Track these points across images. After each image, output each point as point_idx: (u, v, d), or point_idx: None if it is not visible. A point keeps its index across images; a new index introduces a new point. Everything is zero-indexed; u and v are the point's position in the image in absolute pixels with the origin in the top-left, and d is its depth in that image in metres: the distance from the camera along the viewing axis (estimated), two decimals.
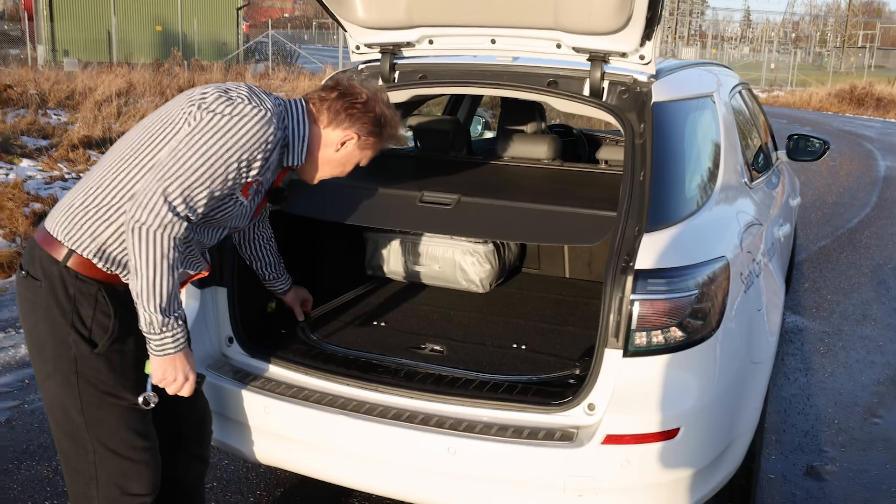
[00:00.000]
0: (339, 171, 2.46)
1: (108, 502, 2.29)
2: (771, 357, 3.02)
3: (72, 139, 10.80)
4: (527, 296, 3.87)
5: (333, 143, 2.38)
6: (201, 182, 2.09)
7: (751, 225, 3.08)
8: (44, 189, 8.60)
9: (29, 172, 9.22)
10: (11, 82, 14.98)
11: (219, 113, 2.13)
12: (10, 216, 7.50)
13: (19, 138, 10.76)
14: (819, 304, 6.27)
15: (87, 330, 2.18)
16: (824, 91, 30.98)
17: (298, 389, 2.72)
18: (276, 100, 2.29)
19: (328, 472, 2.68)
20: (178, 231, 2.07)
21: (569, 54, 3.07)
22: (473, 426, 2.50)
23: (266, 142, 2.17)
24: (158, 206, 2.04)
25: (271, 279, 2.93)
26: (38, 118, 12.55)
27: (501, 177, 3.62)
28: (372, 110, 2.38)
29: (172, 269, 2.08)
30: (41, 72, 18.34)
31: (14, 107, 13.39)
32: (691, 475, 2.47)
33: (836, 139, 17.32)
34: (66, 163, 9.98)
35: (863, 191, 11.62)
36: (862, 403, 4.49)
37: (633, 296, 2.38)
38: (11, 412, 4.12)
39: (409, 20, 3.20)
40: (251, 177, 2.21)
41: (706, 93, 3.40)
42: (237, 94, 2.18)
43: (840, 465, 3.80)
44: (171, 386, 2.23)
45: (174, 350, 2.17)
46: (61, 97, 14.56)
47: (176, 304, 2.14)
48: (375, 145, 2.44)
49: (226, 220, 2.31)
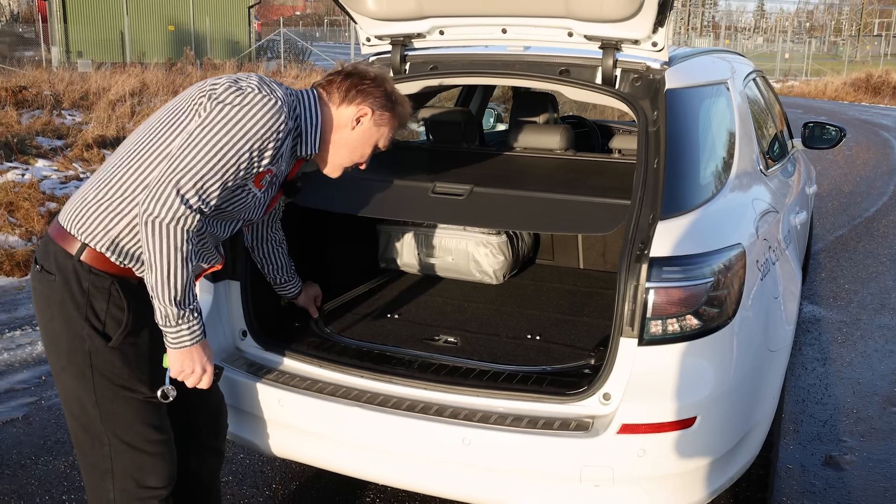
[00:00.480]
0: (359, 153, 2.43)
1: (123, 495, 2.29)
2: (788, 345, 2.99)
3: (86, 139, 10.85)
4: (541, 287, 3.86)
5: (348, 122, 2.35)
6: (213, 173, 2.08)
7: (766, 212, 3.05)
8: (59, 188, 8.65)
9: (44, 172, 9.27)
10: (26, 84, 15.06)
11: (229, 103, 2.12)
12: (25, 215, 7.55)
13: (35, 139, 10.82)
14: (836, 293, 6.22)
15: (100, 323, 2.18)
16: (840, 80, 30.77)
17: (312, 382, 2.72)
18: (287, 89, 2.28)
19: (343, 464, 2.68)
20: (191, 224, 2.06)
21: (580, 42, 3.05)
22: (488, 417, 2.49)
23: (277, 130, 2.16)
24: (171, 198, 2.03)
25: (282, 283, 2.92)
26: (53, 119, 12.62)
27: (514, 167, 3.60)
28: (382, 86, 2.37)
29: (186, 262, 2.07)
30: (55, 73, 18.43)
31: (29, 108, 13.47)
32: (708, 465, 2.45)
33: (852, 128, 17.19)
34: (81, 162, 10.03)
35: (880, 180, 11.52)
36: (881, 393, 4.45)
37: (648, 284, 2.36)
38: (29, 408, 4.14)
39: (420, 11, 3.18)
40: (263, 167, 2.20)
41: (720, 80, 3.37)
42: (247, 84, 2.17)
43: (859, 455, 3.77)
44: (189, 378, 2.22)
45: (191, 342, 2.16)
46: (75, 98, 14.62)
47: (191, 296, 2.13)
48: (391, 121, 2.40)
49: (239, 211, 2.31)
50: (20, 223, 7.43)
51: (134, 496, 2.29)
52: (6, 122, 11.74)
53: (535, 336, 3.13)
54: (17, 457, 3.67)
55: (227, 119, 2.10)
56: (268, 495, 3.38)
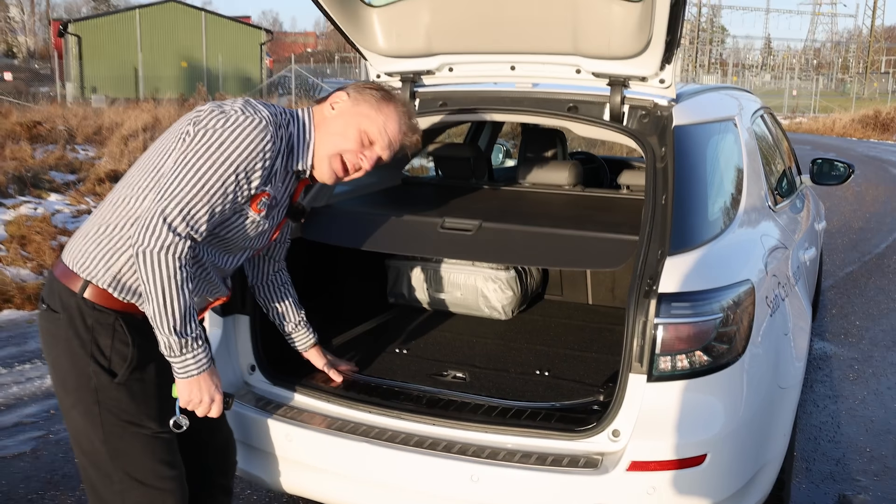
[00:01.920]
0: (342, 144, 2.30)
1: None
2: (799, 382, 2.96)
3: (99, 173, 10.93)
4: (549, 322, 3.85)
5: (328, 111, 2.34)
6: (199, 199, 2.07)
7: (775, 248, 3.04)
8: (71, 223, 8.70)
9: (57, 206, 9.34)
10: (41, 119, 15.23)
11: (210, 128, 2.10)
12: (37, 249, 7.59)
13: (48, 173, 10.92)
14: (848, 330, 6.18)
15: (106, 360, 2.17)
16: (848, 117, 30.84)
17: (321, 417, 2.70)
18: (278, 109, 2.26)
19: (351, 500, 2.65)
20: (181, 251, 2.05)
21: (588, 79, 3.07)
22: (496, 453, 2.47)
23: (263, 150, 2.13)
24: (158, 227, 2.03)
25: (290, 331, 2.82)
26: (67, 153, 12.74)
27: (522, 203, 3.61)
28: (363, 85, 2.38)
29: (181, 290, 2.06)
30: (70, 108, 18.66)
31: (43, 142, 13.61)
32: (720, 502, 2.42)
33: (860, 164, 17.17)
34: (93, 196, 10.10)
35: (890, 216, 11.49)
36: (895, 431, 4.40)
37: (657, 320, 2.35)
38: (37, 442, 4.13)
39: (429, 48, 3.22)
40: (255, 188, 2.18)
41: (728, 116, 3.39)
42: (231, 108, 2.16)
43: (873, 495, 3.72)
44: (198, 408, 2.21)
45: (197, 371, 2.15)
46: (89, 133, 14.77)
47: (192, 325, 2.11)
48: (371, 106, 2.31)
49: (241, 239, 2.29)
50: (32, 257, 7.47)
51: None
52: (20, 157, 11.85)
53: (544, 372, 3.12)
54: (23, 491, 3.65)
55: (210, 143, 2.09)
56: None
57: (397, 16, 3.17)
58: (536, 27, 3.01)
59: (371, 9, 3.21)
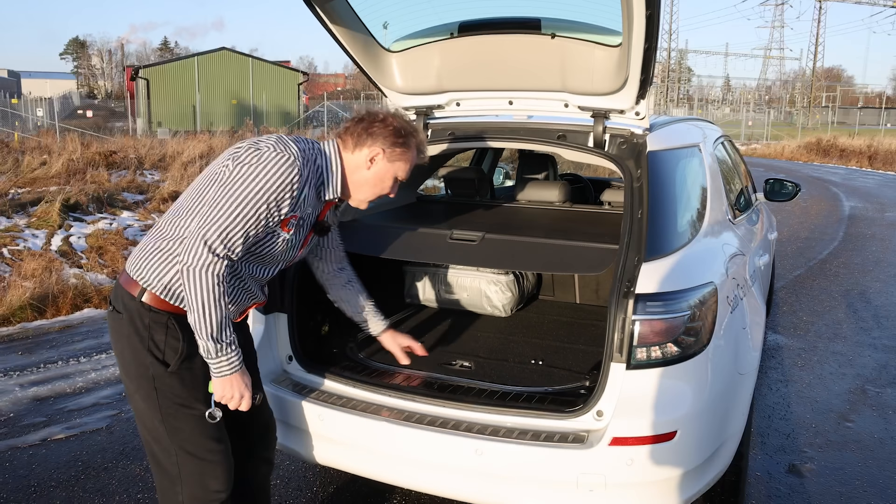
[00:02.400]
0: (379, 188, 2.31)
1: (191, 498, 2.25)
2: (755, 369, 2.93)
3: (163, 194, 10.98)
4: (543, 319, 3.82)
5: (363, 164, 2.27)
6: (234, 224, 2.05)
7: (735, 255, 3.01)
8: (140, 235, 8.73)
9: (128, 222, 9.38)
10: (116, 149, 15.32)
11: (246, 163, 2.09)
12: (112, 258, 7.62)
13: (121, 194, 10.97)
14: (796, 324, 6.12)
15: (160, 352, 2.17)
16: (795, 144, 30.71)
17: (348, 400, 2.68)
18: (308, 143, 2.23)
19: (373, 470, 2.63)
20: (219, 269, 2.04)
21: (575, 112, 3.05)
22: (498, 431, 2.44)
23: (290, 182, 2.10)
24: (199, 249, 2.03)
25: (361, 319, 2.78)
26: (136, 177, 12.80)
27: (520, 217, 3.58)
28: (391, 125, 2.27)
29: (218, 303, 2.05)
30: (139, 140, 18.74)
31: (117, 169, 13.67)
32: (687, 472, 2.39)
33: (806, 184, 17.10)
34: (158, 214, 10.14)
35: (831, 227, 11.41)
36: (836, 410, 4.35)
37: (635, 317, 2.33)
38: (111, 420, 4.12)
39: (440, 87, 3.21)
40: (284, 214, 2.15)
41: (694, 143, 3.36)
42: (265, 144, 2.13)
43: (818, 464, 3.67)
44: (230, 402, 2.20)
45: (229, 372, 2.14)
46: (155, 160, 14.84)
47: (227, 332, 2.10)
48: (404, 155, 2.29)
49: (275, 254, 2.27)
50: (107, 264, 7.49)
51: (199, 499, 2.25)
52: (98, 181, 11.92)
53: (538, 361, 3.09)
54: (100, 461, 3.65)
55: (244, 177, 2.07)
56: (309, 497, 3.33)
57: (412, 60, 3.17)
58: (531, 69, 3.00)
59: (391, 54, 3.21)
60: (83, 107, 41.47)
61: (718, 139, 4.06)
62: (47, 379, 4.73)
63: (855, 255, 9.19)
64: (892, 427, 4.12)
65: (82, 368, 4.93)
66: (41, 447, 3.80)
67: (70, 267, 7.21)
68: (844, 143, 28.20)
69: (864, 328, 6.03)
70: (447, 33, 3.04)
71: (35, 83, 48.53)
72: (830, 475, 3.57)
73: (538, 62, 2.96)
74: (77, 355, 5.19)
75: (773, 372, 4.96)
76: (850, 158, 26.10)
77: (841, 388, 4.69)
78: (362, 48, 3.11)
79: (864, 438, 3.97)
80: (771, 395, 4.55)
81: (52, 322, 5.98)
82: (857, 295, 7.14)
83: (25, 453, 3.72)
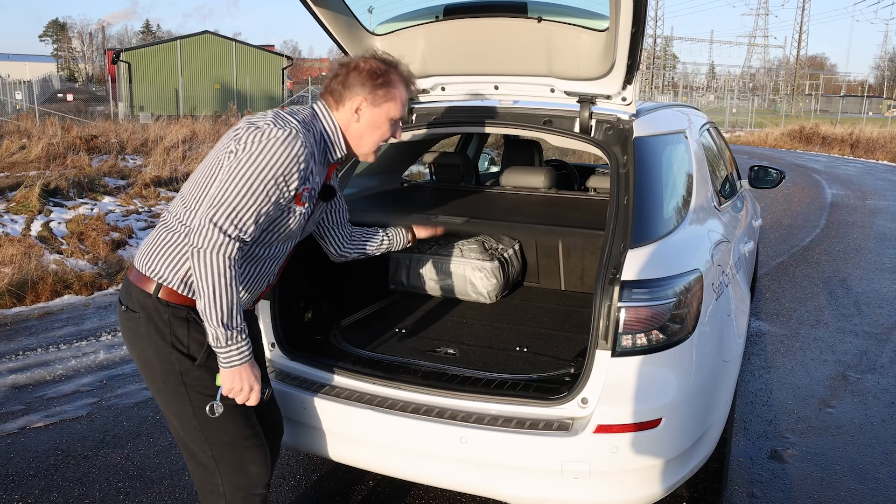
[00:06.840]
0: (378, 135, 2.24)
1: (232, 487, 2.21)
2: (739, 356, 2.93)
3: (145, 179, 10.86)
4: (528, 306, 3.80)
5: (351, 116, 2.21)
6: (244, 205, 2.00)
7: (720, 242, 3.00)
8: (121, 221, 8.63)
9: (109, 207, 9.26)
10: (97, 133, 15.12)
11: (250, 142, 2.03)
12: (93, 243, 7.52)
13: (102, 179, 10.83)
14: (779, 311, 6.16)
15: (185, 347, 2.11)
16: (778, 131, 30.87)
17: (331, 387, 2.66)
18: (301, 114, 2.17)
19: (356, 458, 2.61)
20: (230, 251, 1.97)
21: (561, 97, 3.02)
22: (482, 418, 2.42)
23: (297, 156, 2.05)
24: (208, 230, 1.96)
25: (386, 249, 2.76)
26: (118, 162, 12.64)
27: (504, 203, 3.56)
28: (364, 69, 2.18)
29: (229, 286, 1.98)
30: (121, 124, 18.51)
31: (99, 153, 13.51)
32: (672, 459, 2.39)
33: (789, 171, 17.19)
34: (140, 199, 10.03)
35: (813, 214, 11.48)
36: (817, 396, 4.38)
37: (620, 304, 2.31)
38: (91, 407, 4.08)
39: (425, 70, 3.17)
40: (295, 189, 2.10)
41: (679, 129, 3.34)
42: (264, 122, 2.07)
43: (799, 449, 3.69)
44: (238, 395, 2.12)
45: (240, 361, 2.06)
46: (137, 145, 14.67)
47: (238, 318, 2.02)
48: (388, 95, 2.20)
49: (292, 231, 2.20)
50: (88, 249, 7.40)
51: (241, 487, 2.22)
52: (79, 165, 11.77)
53: (523, 348, 3.07)
54: (80, 449, 3.60)
55: (249, 158, 2.01)
56: (293, 484, 3.31)
57: (397, 43, 3.12)
58: (516, 53, 2.97)
59: (375, 37, 3.17)
60: (64, 90, 40.95)
61: (704, 126, 4.05)
62: (26, 366, 4.66)
63: (837, 242, 9.25)
64: (871, 413, 4.15)
65: (62, 356, 4.87)
66: (20, 435, 3.74)
67: (50, 253, 7.11)
68: (827, 131, 28.38)
69: (845, 315, 6.07)
70: (432, 16, 3.00)
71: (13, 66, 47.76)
72: (812, 460, 3.59)
73: (524, 46, 2.93)
74: (57, 342, 5.12)
75: (756, 358, 4.99)
76: (832, 146, 26.29)
77: (822, 375, 4.72)
78: (346, 31, 3.06)
79: (844, 424, 4.00)
80: (754, 382, 4.57)
81: (31, 308, 5.90)
82: (838, 282, 7.20)
83: (3, 442, 3.67)
